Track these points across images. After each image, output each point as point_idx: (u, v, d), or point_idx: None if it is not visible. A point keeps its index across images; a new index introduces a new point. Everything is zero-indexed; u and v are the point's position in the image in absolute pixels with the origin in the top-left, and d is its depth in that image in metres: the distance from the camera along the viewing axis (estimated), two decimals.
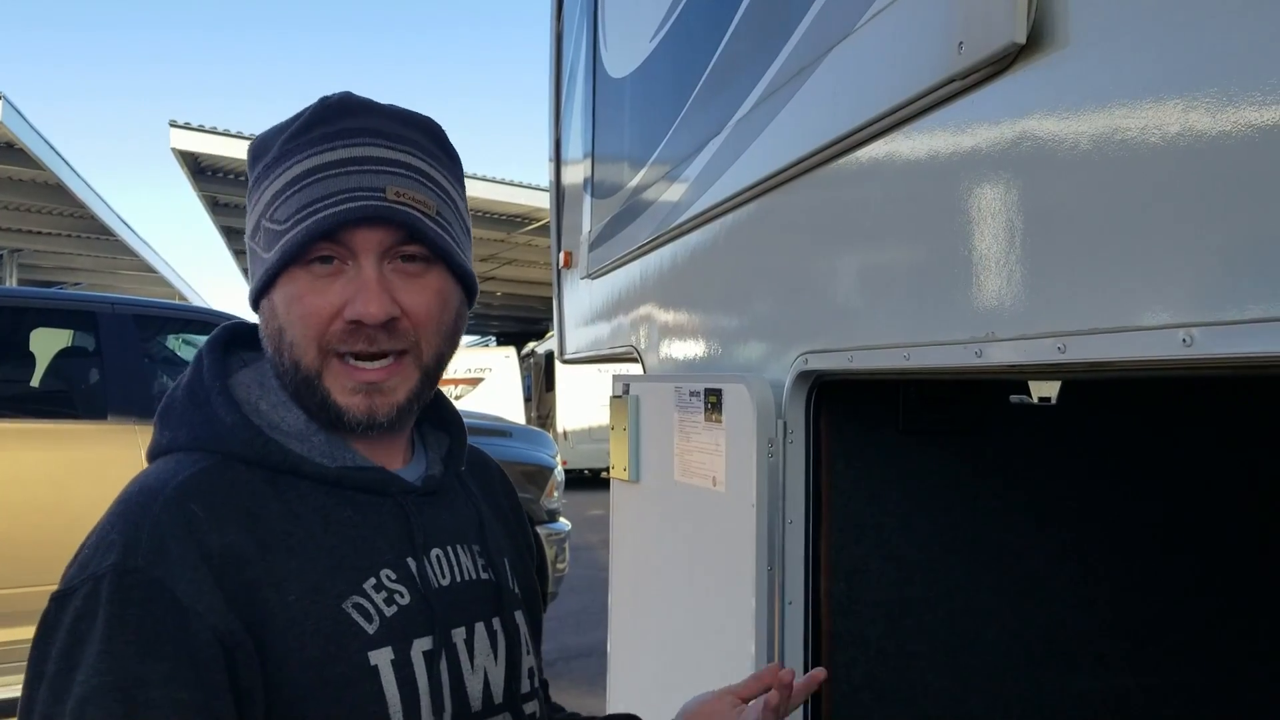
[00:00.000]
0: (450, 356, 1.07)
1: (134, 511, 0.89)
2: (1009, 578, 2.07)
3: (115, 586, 0.83)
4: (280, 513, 0.94)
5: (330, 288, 0.96)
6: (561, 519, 6.92)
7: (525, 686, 1.10)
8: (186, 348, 10.73)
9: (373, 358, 0.97)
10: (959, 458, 2.04)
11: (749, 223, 1.99)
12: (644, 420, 2.45)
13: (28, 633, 0.87)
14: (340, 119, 0.98)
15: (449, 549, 1.06)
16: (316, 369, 0.97)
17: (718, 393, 1.92)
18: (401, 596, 0.97)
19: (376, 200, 0.95)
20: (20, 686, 0.85)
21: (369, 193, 0.95)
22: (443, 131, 1.07)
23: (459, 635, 1.02)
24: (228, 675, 0.84)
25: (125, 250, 18.26)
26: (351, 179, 0.94)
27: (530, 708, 1.11)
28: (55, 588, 0.87)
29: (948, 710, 2.03)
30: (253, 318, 1.06)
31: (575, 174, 3.89)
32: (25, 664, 0.88)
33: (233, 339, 1.09)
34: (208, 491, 0.92)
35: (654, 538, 2.41)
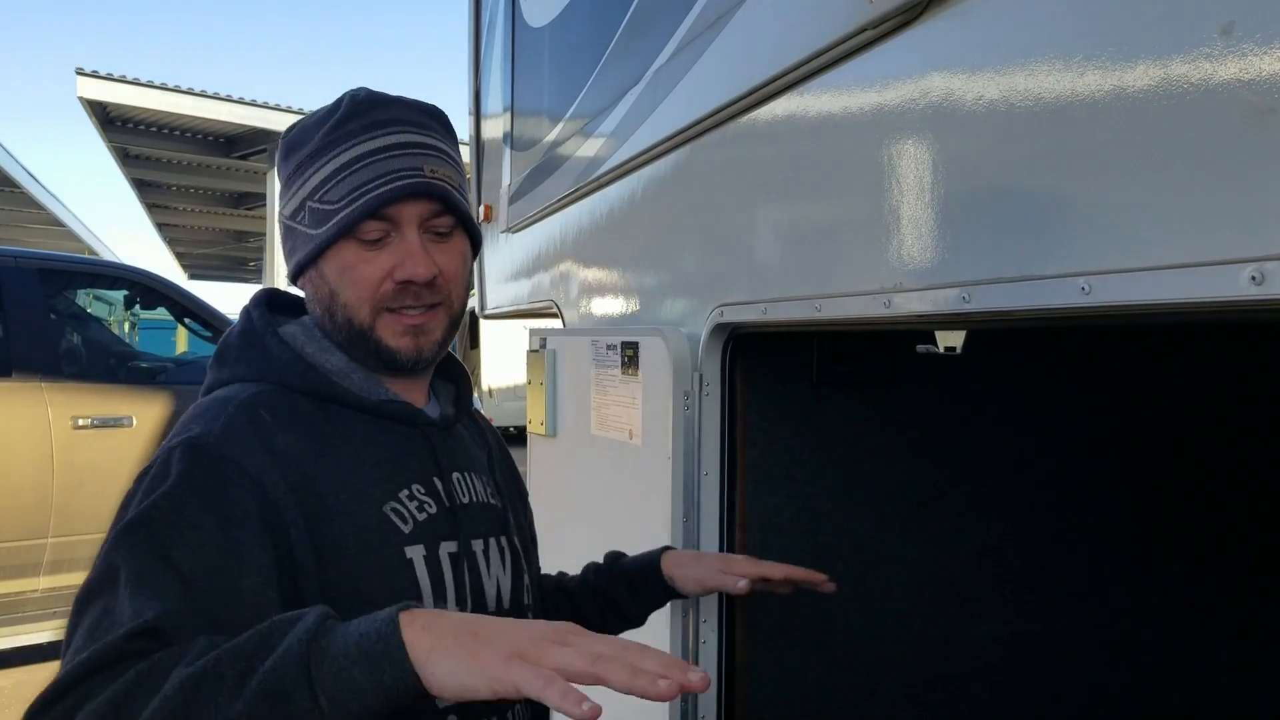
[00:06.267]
0: (466, 305, 1.27)
1: (210, 410, 1.05)
2: (917, 527, 2.12)
3: (187, 451, 0.99)
4: (329, 430, 1.12)
5: (378, 257, 1.14)
6: None
7: (527, 599, 1.31)
8: (97, 304, 10.35)
9: (415, 309, 1.17)
10: (869, 410, 2.08)
11: (667, 175, 1.98)
12: (561, 374, 2.44)
13: None
14: (370, 112, 1.15)
15: (467, 474, 1.25)
16: (369, 323, 1.15)
17: (634, 346, 1.92)
18: (429, 507, 1.16)
19: (418, 177, 1.13)
20: None
21: (411, 172, 1.13)
22: (447, 116, 1.25)
23: (478, 545, 1.21)
24: (274, 540, 0.99)
25: (31, 203, 17.58)
26: (395, 162, 1.12)
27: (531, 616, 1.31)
28: None
29: (858, 656, 2.08)
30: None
31: (495, 127, 3.83)
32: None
33: (271, 302, 1.26)
34: (273, 405, 1.09)
35: (571, 491, 2.41)
